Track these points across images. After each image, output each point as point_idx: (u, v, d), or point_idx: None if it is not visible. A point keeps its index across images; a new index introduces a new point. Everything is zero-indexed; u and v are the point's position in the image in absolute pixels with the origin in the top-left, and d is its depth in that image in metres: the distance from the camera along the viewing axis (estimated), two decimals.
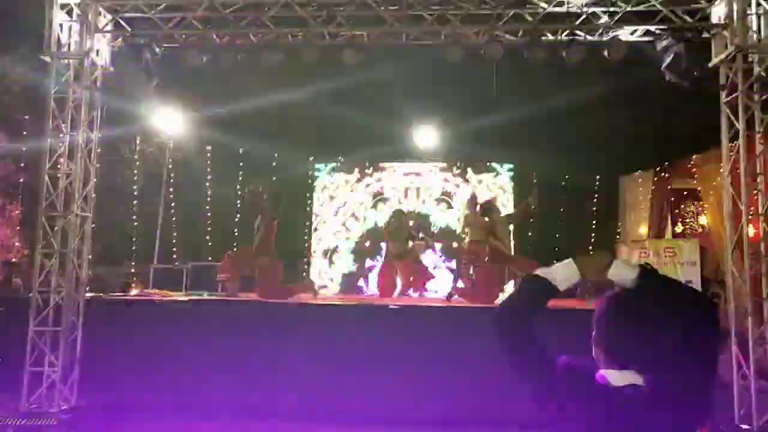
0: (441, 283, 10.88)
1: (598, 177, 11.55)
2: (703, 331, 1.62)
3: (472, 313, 6.82)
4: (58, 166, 6.95)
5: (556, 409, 1.64)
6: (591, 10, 6.68)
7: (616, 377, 1.62)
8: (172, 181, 11.45)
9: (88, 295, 7.24)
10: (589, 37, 6.88)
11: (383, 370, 6.37)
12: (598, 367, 1.71)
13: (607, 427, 1.58)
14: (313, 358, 6.52)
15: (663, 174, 10.55)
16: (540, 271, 1.72)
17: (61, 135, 6.97)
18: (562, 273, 1.69)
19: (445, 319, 6.80)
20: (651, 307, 1.64)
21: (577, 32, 6.88)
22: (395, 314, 6.73)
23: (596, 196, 11.64)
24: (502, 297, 8.48)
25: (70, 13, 7.09)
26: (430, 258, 11.04)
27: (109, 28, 7.32)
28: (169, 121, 10.11)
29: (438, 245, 11.34)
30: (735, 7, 6.16)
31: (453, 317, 6.84)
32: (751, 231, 6.16)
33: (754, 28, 6.18)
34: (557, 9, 6.69)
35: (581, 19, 6.73)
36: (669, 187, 10.54)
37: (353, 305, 7.64)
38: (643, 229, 10.76)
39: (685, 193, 10.89)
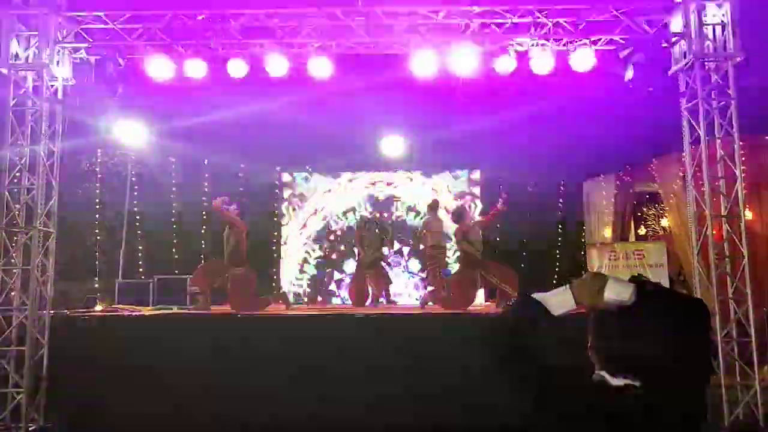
0: (410, 289, 10.96)
1: (562, 182, 11.78)
2: (697, 335, 1.67)
3: (450, 320, 6.86)
4: (15, 180, 6.75)
5: (556, 411, 1.66)
6: (555, 20, 6.82)
7: (613, 379, 1.66)
8: (135, 193, 11.22)
9: (52, 312, 7.03)
10: (554, 47, 7.03)
11: (361, 380, 6.35)
12: (593, 370, 1.75)
13: (605, 426, 1.61)
14: (288, 370, 6.45)
15: (625, 178, 10.80)
16: (536, 295, 1.74)
17: (19, 149, 6.78)
18: (557, 300, 1.71)
19: (423, 326, 6.82)
20: (646, 313, 1.68)
21: (543, 42, 7.02)
22: (371, 323, 6.71)
23: (561, 200, 11.87)
24: (476, 303, 8.79)
25: (27, 24, 6.91)
26: (397, 261, 11.13)
27: (69, 39, 7.15)
28: (131, 133, 9.90)
29: (405, 249, 11.44)
30: (692, 18, 6.38)
31: (430, 324, 6.86)
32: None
33: (711, 37, 6.41)
34: (524, 20, 6.82)
35: (546, 29, 6.86)
36: (631, 190, 10.79)
37: (328, 315, 7.58)
38: (607, 232, 10.98)
39: (647, 196, 11.18)
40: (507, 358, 1.75)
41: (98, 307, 8.74)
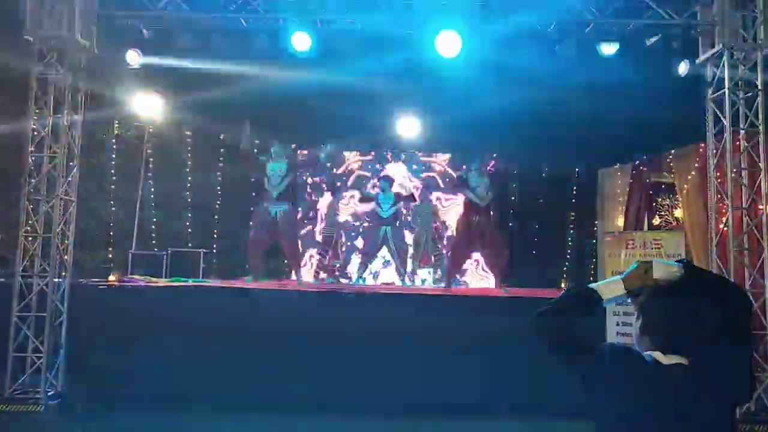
0: None
1: (577, 169, 11.74)
2: (739, 315, 1.73)
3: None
4: (31, 149, 6.77)
5: (606, 388, 1.72)
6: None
7: (663, 357, 1.71)
8: (150, 166, 11.23)
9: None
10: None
11: (383, 358, 6.43)
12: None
13: (654, 402, 1.65)
14: (302, 345, 6.53)
15: (641, 167, 10.76)
16: (591, 285, 1.86)
17: (42, 119, 6.80)
18: (608, 288, 1.84)
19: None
20: (693, 294, 1.74)
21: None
22: (401, 302, 6.84)
23: (575, 187, 11.83)
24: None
25: None
26: None
27: (94, 8, 7.13)
28: (148, 106, 9.89)
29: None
30: (723, 7, 6.31)
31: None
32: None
33: (741, 26, 6.35)
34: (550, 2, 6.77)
35: (573, 12, 6.81)
36: (647, 180, 10.75)
37: (346, 292, 7.63)
38: (620, 221, 10.97)
39: (662, 186, 11.12)
40: (558, 340, 1.83)
41: (111, 277, 8.82)
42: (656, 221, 11.05)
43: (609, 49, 6.71)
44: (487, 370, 6.28)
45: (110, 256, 10.77)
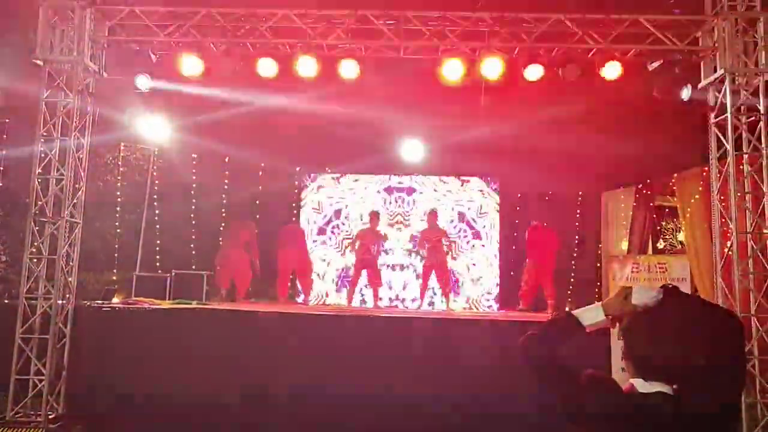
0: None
1: (580, 192, 11.74)
2: (729, 342, 1.69)
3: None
4: (38, 171, 6.82)
5: (585, 418, 1.70)
6: (585, 29, 6.84)
7: (644, 385, 1.69)
8: (156, 188, 11.29)
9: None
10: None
11: (380, 380, 6.38)
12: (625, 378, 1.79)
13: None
14: (306, 368, 6.49)
15: (645, 191, 10.75)
16: (574, 312, 1.88)
17: (45, 141, 6.85)
18: (589, 315, 1.86)
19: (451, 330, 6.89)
20: (676, 320, 1.70)
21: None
22: (395, 324, 6.78)
23: (579, 211, 11.81)
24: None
25: (63, 17, 7.00)
26: None
27: (103, 33, 7.25)
28: (154, 128, 9.96)
29: None
30: (724, 32, 6.37)
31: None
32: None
33: (742, 51, 6.40)
34: (553, 29, 6.84)
35: (576, 38, 6.88)
36: (651, 204, 10.74)
37: (346, 315, 7.62)
38: (624, 245, 10.93)
39: (666, 210, 11.12)
40: (540, 367, 1.83)
41: (115, 299, 8.81)
42: (661, 245, 11.03)
43: (611, 74, 6.72)
44: None
45: (114, 278, 10.78)
